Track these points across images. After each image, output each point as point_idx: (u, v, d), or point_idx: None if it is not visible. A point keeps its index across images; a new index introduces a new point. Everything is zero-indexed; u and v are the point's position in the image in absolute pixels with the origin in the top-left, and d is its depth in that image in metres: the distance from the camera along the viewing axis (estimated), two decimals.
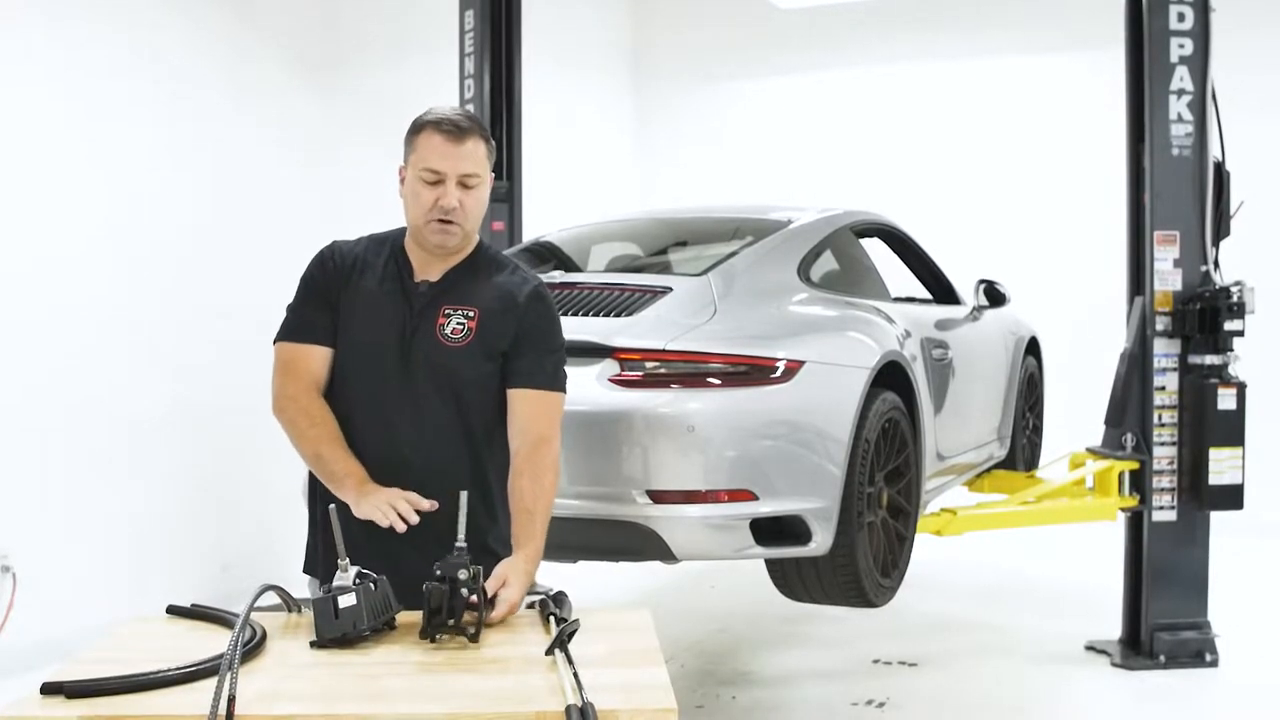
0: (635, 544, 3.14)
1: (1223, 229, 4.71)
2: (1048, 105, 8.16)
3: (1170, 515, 4.68)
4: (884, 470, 3.61)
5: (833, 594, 3.50)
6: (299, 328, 2.44)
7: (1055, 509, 4.93)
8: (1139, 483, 4.76)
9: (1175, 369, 4.67)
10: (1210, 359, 4.60)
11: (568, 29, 8.42)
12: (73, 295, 4.80)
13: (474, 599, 1.97)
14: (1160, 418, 4.69)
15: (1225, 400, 4.55)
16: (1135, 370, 4.73)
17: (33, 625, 4.49)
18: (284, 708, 1.63)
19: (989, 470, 5.43)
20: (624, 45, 9.49)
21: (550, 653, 1.83)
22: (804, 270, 3.79)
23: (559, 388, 2.43)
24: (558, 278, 3.64)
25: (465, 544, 2.02)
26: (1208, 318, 4.55)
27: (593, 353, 3.16)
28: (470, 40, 5.61)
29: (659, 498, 3.09)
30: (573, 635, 1.88)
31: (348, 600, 1.92)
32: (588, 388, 3.10)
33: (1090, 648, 4.83)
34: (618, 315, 3.33)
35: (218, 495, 5.50)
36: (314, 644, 1.92)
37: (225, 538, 5.52)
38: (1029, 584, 6.04)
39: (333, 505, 2.13)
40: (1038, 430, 6.04)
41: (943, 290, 5.02)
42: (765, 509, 3.15)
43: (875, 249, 4.64)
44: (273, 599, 2.06)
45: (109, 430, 4.95)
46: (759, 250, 3.79)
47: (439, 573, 1.96)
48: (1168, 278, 4.64)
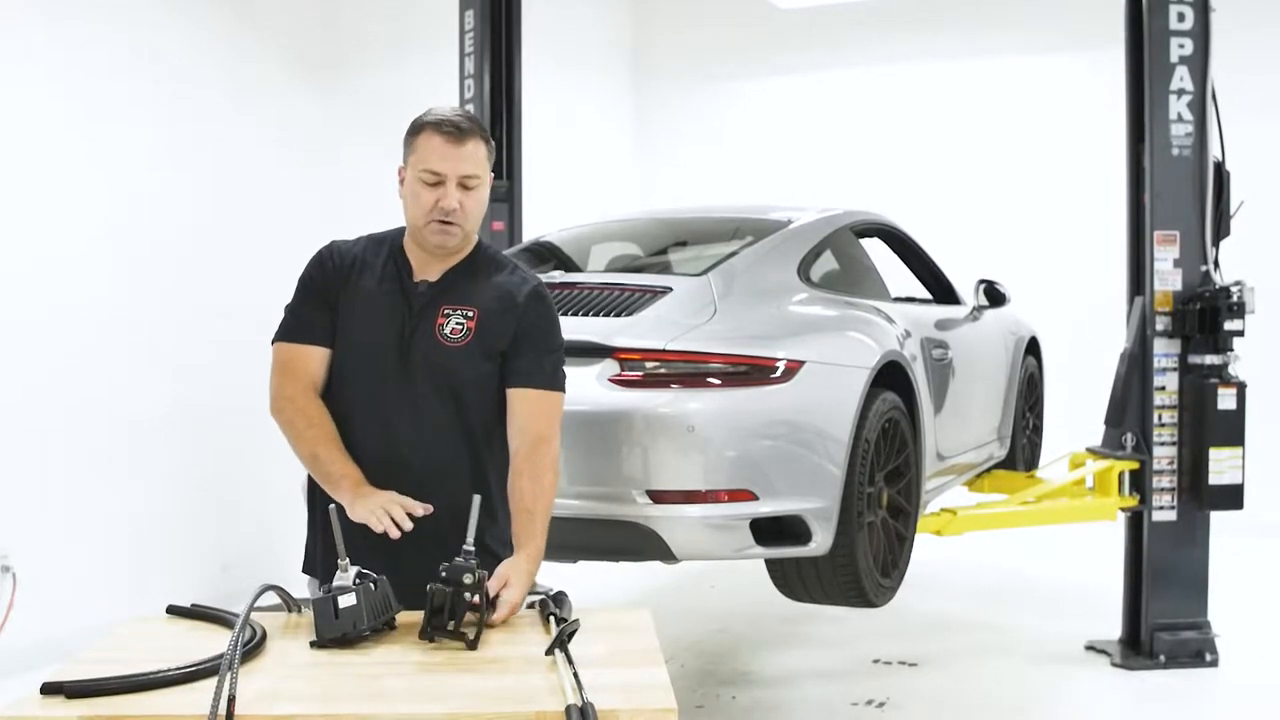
0: (635, 544, 3.14)
1: (1223, 229, 4.71)
2: (1048, 105, 8.16)
3: (1170, 515, 4.68)
4: (884, 470, 3.61)
5: (833, 594, 3.51)
6: (297, 328, 2.44)
7: (1055, 509, 4.93)
8: (1139, 483, 4.76)
9: (1175, 369, 4.67)
10: (1210, 359, 4.60)
11: (568, 29, 8.42)
12: (73, 295, 4.80)
13: (476, 600, 1.97)
14: (1160, 418, 4.69)
15: (1225, 400, 4.55)
16: (1135, 370, 4.73)
17: (33, 625, 4.49)
18: (284, 708, 1.63)
19: (989, 470, 5.43)
20: (624, 45, 9.49)
21: (550, 653, 1.83)
22: (804, 270, 3.79)
23: (558, 387, 2.42)
24: (558, 278, 3.64)
25: (474, 548, 2.03)
26: (1208, 318, 4.55)
27: (593, 353, 3.16)
28: (470, 40, 5.61)
29: (659, 498, 3.09)
30: (573, 635, 1.88)
31: (348, 600, 1.92)
32: (588, 388, 3.10)
33: (1090, 648, 4.83)
34: (618, 315, 3.33)
35: (218, 495, 5.50)
36: (314, 644, 1.92)
37: (225, 538, 5.52)
38: (1029, 584, 6.04)
39: (333, 505, 2.13)
40: (1038, 430, 6.04)
41: (943, 290, 5.01)
42: (765, 509, 3.15)
43: (875, 249, 4.64)
44: (273, 599, 2.06)
45: (109, 430, 4.95)
46: (759, 250, 3.79)
47: (444, 574, 1.96)
48: (1168, 278, 4.64)
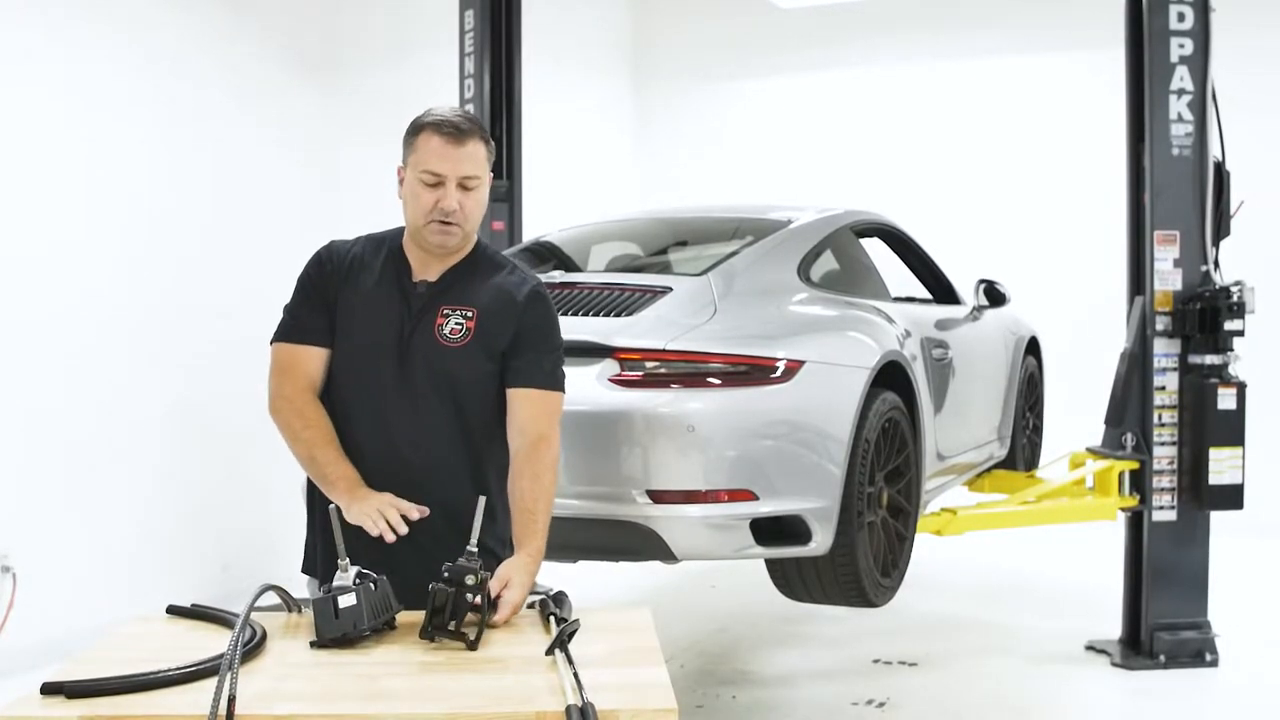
0: (635, 544, 3.14)
1: (1223, 229, 4.71)
2: (1048, 105, 8.16)
3: (1170, 515, 4.68)
4: (884, 470, 3.61)
5: (833, 594, 3.51)
6: (295, 329, 2.43)
7: (1055, 509, 4.93)
8: (1139, 482, 4.76)
9: (1175, 369, 4.67)
10: (1210, 359, 4.60)
11: (568, 29, 8.42)
12: (73, 295, 4.80)
13: (477, 601, 1.97)
14: (1160, 417, 4.69)
15: (1225, 400, 4.55)
16: (1135, 370, 4.73)
17: (33, 625, 4.49)
18: (284, 708, 1.63)
19: (989, 470, 5.43)
20: (624, 45, 9.49)
21: (550, 653, 1.83)
22: (804, 270, 3.79)
23: (558, 387, 2.42)
24: (558, 278, 3.63)
25: (477, 548, 2.03)
26: (1208, 317, 4.55)
27: (593, 352, 3.16)
28: (470, 40, 5.62)
29: (659, 497, 3.09)
30: (573, 635, 1.88)
31: (348, 600, 1.92)
32: (588, 387, 3.09)
33: (1090, 648, 4.83)
34: (618, 315, 3.33)
35: (218, 495, 5.50)
36: (314, 644, 1.92)
37: (225, 538, 5.52)
38: (1029, 584, 6.04)
39: (333, 506, 2.13)
40: (1038, 430, 6.04)
41: (943, 290, 5.01)
42: (765, 509, 3.15)
43: (875, 249, 4.64)
44: (273, 599, 2.06)
45: (109, 430, 4.95)
46: (759, 250, 3.79)
47: (446, 574, 1.96)
48: (1168, 277, 4.64)
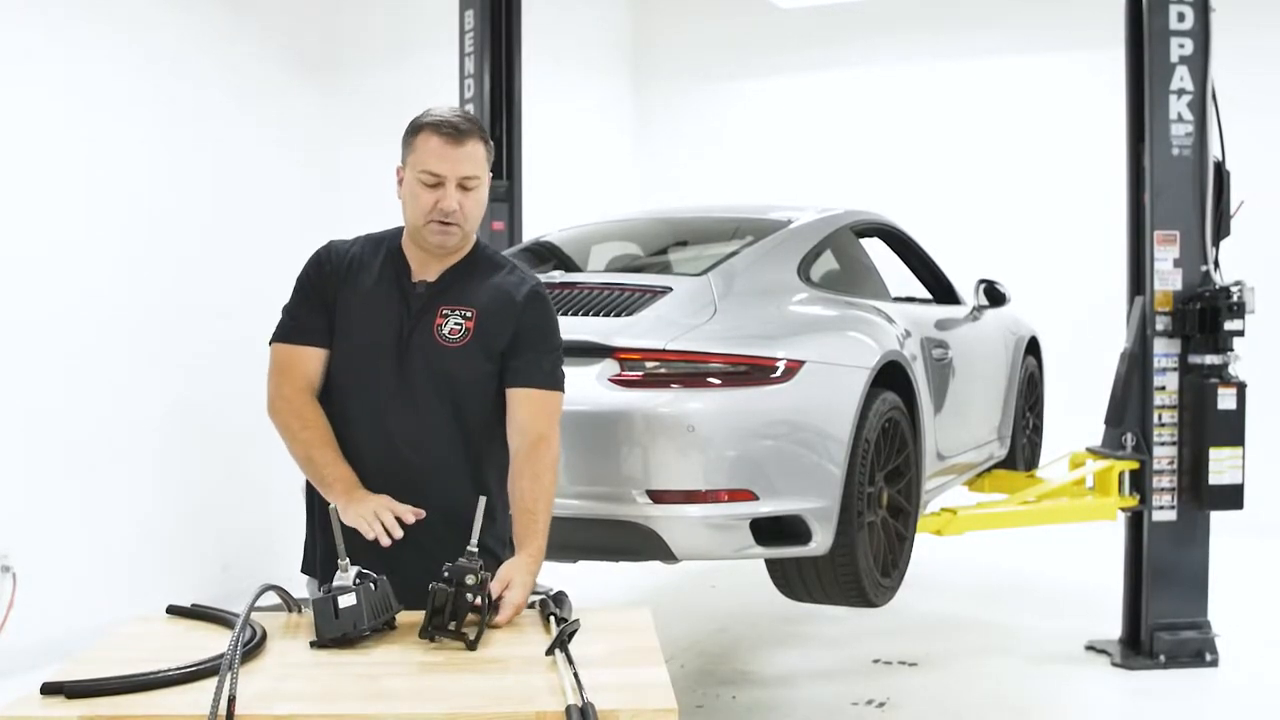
0: (635, 544, 3.14)
1: (1223, 229, 4.71)
2: (1048, 105, 8.16)
3: (1170, 515, 4.68)
4: (884, 470, 3.61)
5: (833, 594, 3.51)
6: (294, 329, 2.43)
7: (1055, 509, 4.93)
8: (1139, 482, 4.76)
9: (1175, 369, 4.67)
10: (1210, 359, 4.60)
11: (568, 29, 8.42)
12: (73, 295, 4.80)
13: (478, 602, 1.97)
14: (1160, 417, 4.69)
15: (1225, 400, 4.55)
16: (1135, 370, 4.73)
17: (33, 625, 4.49)
18: (284, 708, 1.63)
19: (989, 470, 5.43)
20: (624, 45, 9.49)
21: (550, 653, 1.83)
22: (804, 270, 3.79)
23: (557, 387, 2.42)
24: (558, 278, 3.63)
25: (477, 549, 2.03)
26: (1208, 317, 4.55)
27: (593, 352, 3.16)
28: (470, 40, 5.62)
29: (659, 497, 3.09)
30: (573, 635, 1.88)
31: (348, 600, 1.92)
32: (588, 388, 3.09)
33: (1090, 648, 4.83)
34: (618, 315, 3.33)
35: (218, 495, 5.49)
36: (314, 644, 1.92)
37: (225, 538, 5.52)
38: (1029, 584, 6.04)
39: (333, 505, 2.13)
40: (1038, 430, 6.04)
41: (943, 290, 5.01)
42: (765, 509, 3.15)
43: (875, 249, 4.64)
44: (273, 599, 2.06)
45: (109, 430, 4.95)
46: (759, 250, 3.79)
47: (447, 574, 1.96)
48: (1168, 277, 4.64)
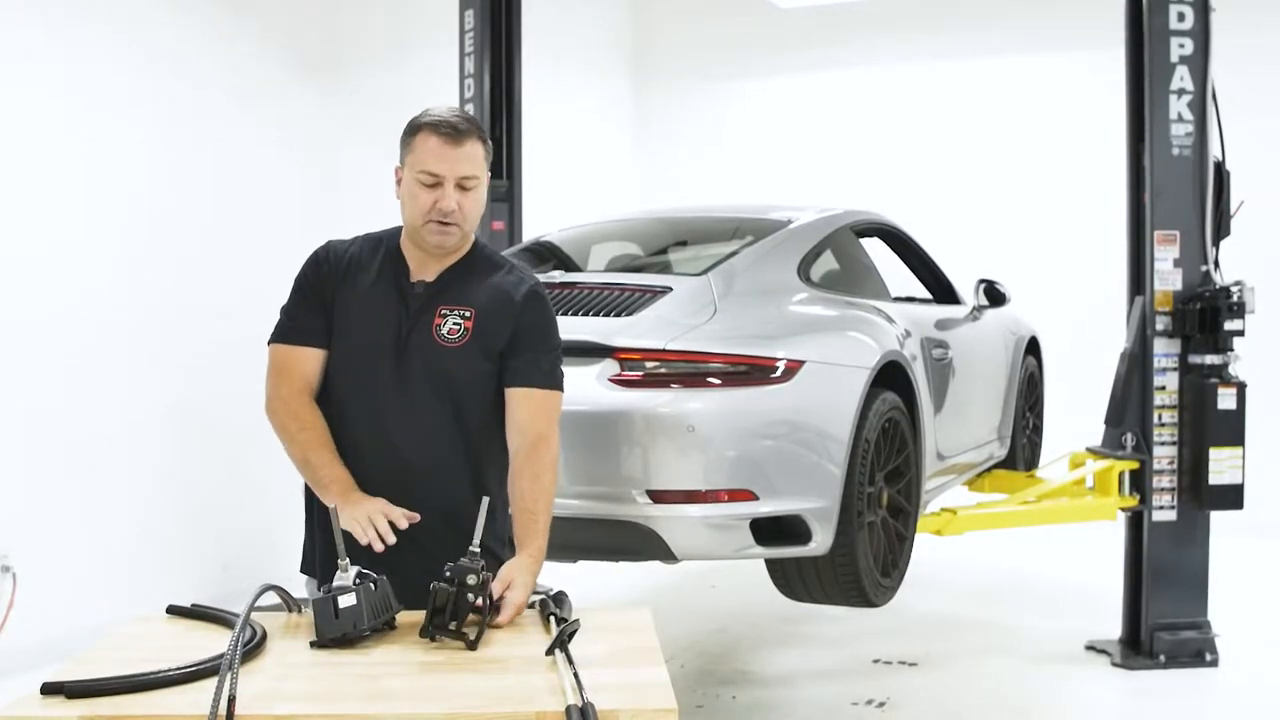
0: (635, 544, 3.14)
1: (1223, 229, 4.71)
2: (1048, 105, 8.16)
3: (1170, 515, 4.68)
4: (884, 470, 3.61)
5: (833, 594, 3.51)
6: (292, 330, 2.43)
7: (1055, 509, 4.93)
8: (1139, 482, 4.76)
9: (1175, 369, 4.67)
10: (1210, 359, 4.60)
11: (568, 29, 8.42)
12: (73, 295, 4.80)
13: (479, 603, 1.97)
14: (1160, 417, 4.69)
15: (1225, 400, 4.55)
16: (1135, 370, 4.73)
17: (33, 625, 4.49)
18: (284, 708, 1.63)
19: (989, 470, 5.43)
20: (624, 45, 9.49)
21: (550, 653, 1.83)
22: (804, 270, 3.79)
23: (556, 386, 2.42)
24: (558, 278, 3.63)
25: (479, 549, 2.02)
26: (1208, 317, 4.55)
27: (593, 352, 3.16)
28: (470, 40, 5.62)
29: (659, 497, 3.09)
30: (573, 635, 1.88)
31: (348, 600, 1.92)
32: (588, 388, 3.09)
33: (1090, 648, 4.83)
34: (618, 315, 3.33)
35: (218, 495, 5.49)
36: (314, 644, 1.92)
37: (225, 538, 5.52)
38: (1029, 584, 6.04)
39: (333, 505, 2.13)
40: (1038, 430, 6.04)
41: (943, 290, 5.01)
42: (765, 509, 3.15)
43: (875, 249, 4.64)
44: (273, 599, 2.06)
45: (109, 430, 4.95)
46: (759, 250, 3.79)
47: (448, 574, 1.96)
48: (1168, 277, 4.64)
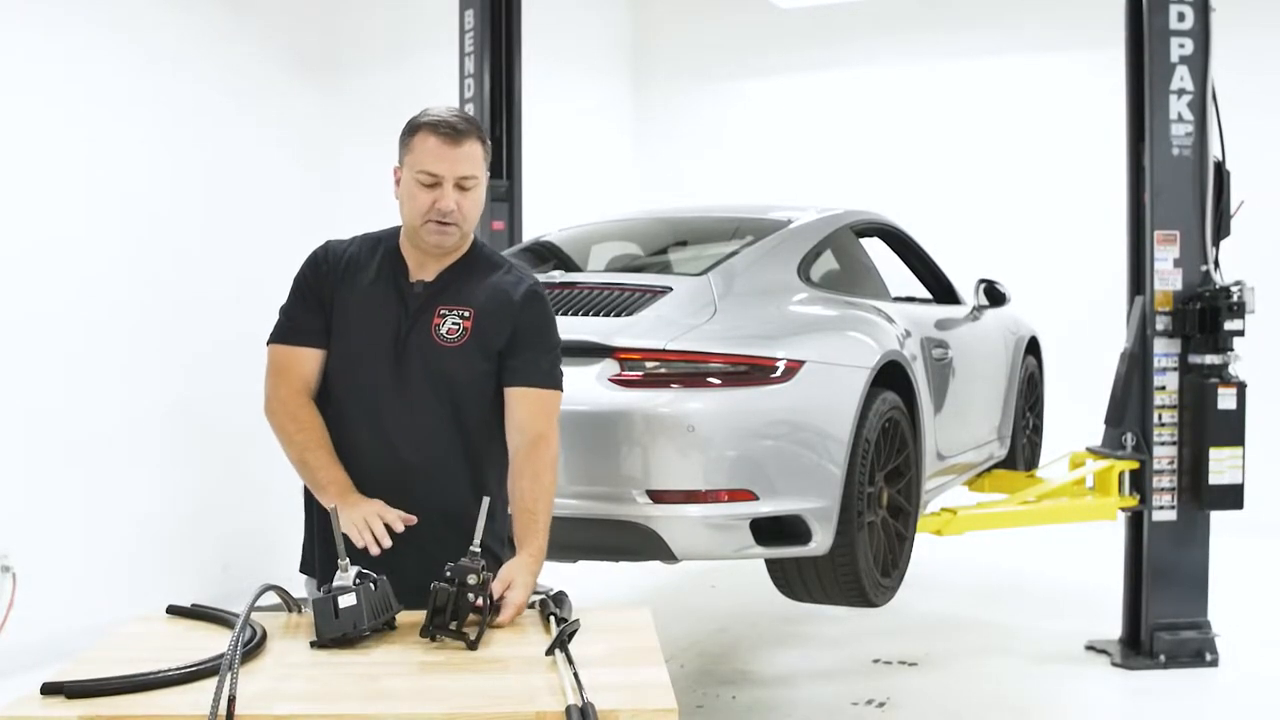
0: (635, 544, 3.14)
1: (1223, 229, 4.70)
2: (1048, 105, 8.16)
3: (1170, 515, 4.68)
4: (884, 470, 3.61)
5: (833, 594, 3.51)
6: (291, 330, 2.43)
7: (1055, 509, 4.93)
8: (1139, 482, 4.76)
9: (1175, 369, 4.67)
10: (1210, 359, 4.60)
11: (568, 29, 8.42)
12: (73, 294, 4.80)
13: (479, 603, 1.97)
14: (1160, 417, 4.69)
15: (1225, 400, 4.55)
16: (1135, 370, 4.73)
17: (33, 625, 4.49)
18: (284, 708, 1.63)
19: (989, 470, 5.43)
20: (624, 45, 9.49)
21: (550, 653, 1.83)
22: (804, 270, 3.79)
23: (556, 386, 2.42)
24: (558, 277, 3.63)
25: (480, 549, 2.02)
26: (1208, 317, 4.55)
27: (593, 352, 3.16)
28: (470, 40, 5.62)
29: (659, 497, 3.09)
30: (573, 635, 1.88)
31: (348, 600, 1.92)
32: (588, 387, 3.09)
33: (1090, 647, 4.83)
34: (618, 315, 3.33)
35: (218, 495, 5.49)
36: (314, 644, 1.92)
37: (225, 538, 5.52)
38: (1029, 584, 6.04)
39: (334, 505, 2.13)
40: (1038, 430, 6.04)
41: (943, 290, 5.01)
42: (765, 509, 3.15)
43: (875, 249, 4.64)
44: (273, 599, 2.06)
45: (109, 430, 4.95)
46: (759, 250, 3.79)
47: (449, 574, 1.96)
48: (1168, 277, 4.64)
